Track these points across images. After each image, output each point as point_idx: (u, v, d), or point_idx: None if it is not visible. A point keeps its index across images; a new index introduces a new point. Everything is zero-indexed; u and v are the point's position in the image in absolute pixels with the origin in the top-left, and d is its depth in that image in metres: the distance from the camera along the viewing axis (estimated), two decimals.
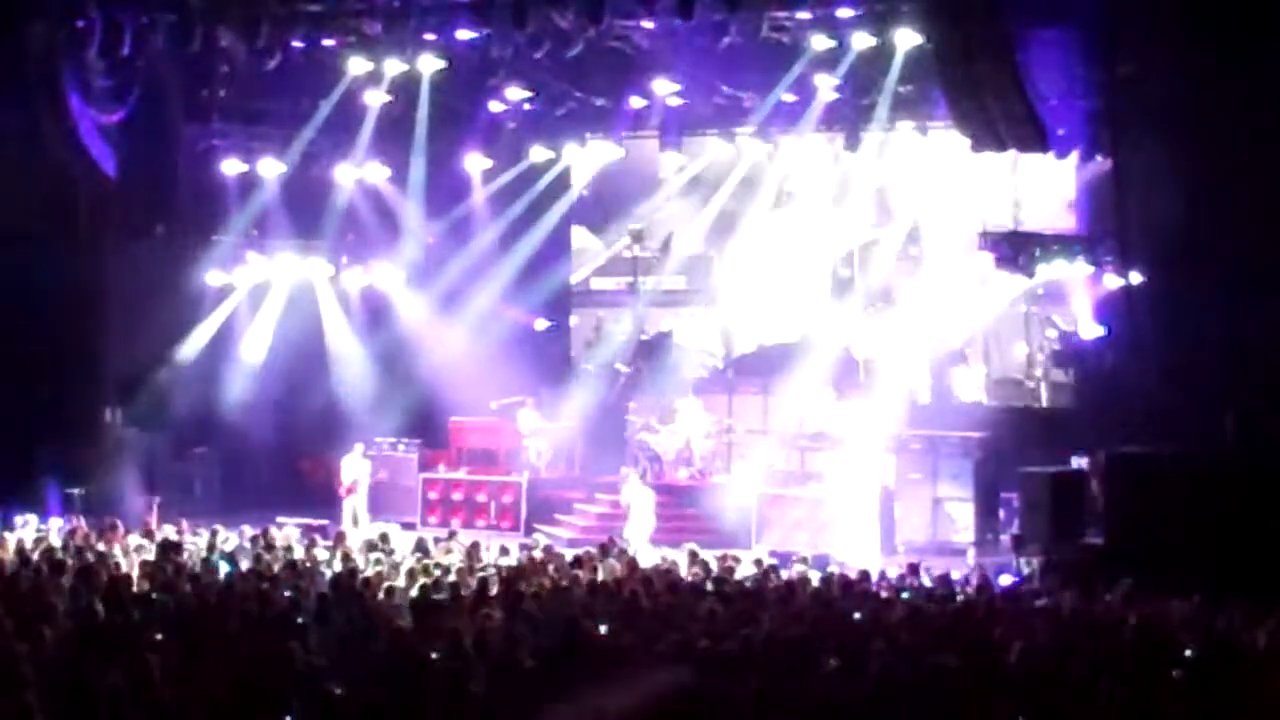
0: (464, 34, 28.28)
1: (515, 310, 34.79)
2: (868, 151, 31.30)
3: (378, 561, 21.51)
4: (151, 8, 28.30)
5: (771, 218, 34.05)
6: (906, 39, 26.72)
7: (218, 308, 32.87)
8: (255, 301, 33.41)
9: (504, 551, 23.15)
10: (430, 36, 28.70)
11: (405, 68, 29.95)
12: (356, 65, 30.03)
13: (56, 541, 23.02)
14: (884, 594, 20.34)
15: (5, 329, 29.29)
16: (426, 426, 33.23)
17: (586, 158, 34.62)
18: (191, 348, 32.26)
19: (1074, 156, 28.81)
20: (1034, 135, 25.32)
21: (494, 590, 18.96)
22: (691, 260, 35.08)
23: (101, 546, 22.55)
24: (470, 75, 30.98)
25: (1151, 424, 25.62)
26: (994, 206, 31.22)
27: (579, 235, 35.93)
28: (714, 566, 21.90)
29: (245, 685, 13.09)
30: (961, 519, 28.47)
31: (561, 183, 34.85)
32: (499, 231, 34.44)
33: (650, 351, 34.49)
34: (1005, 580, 23.16)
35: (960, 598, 19.92)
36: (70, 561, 20.46)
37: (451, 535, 24.84)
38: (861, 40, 27.35)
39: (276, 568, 20.56)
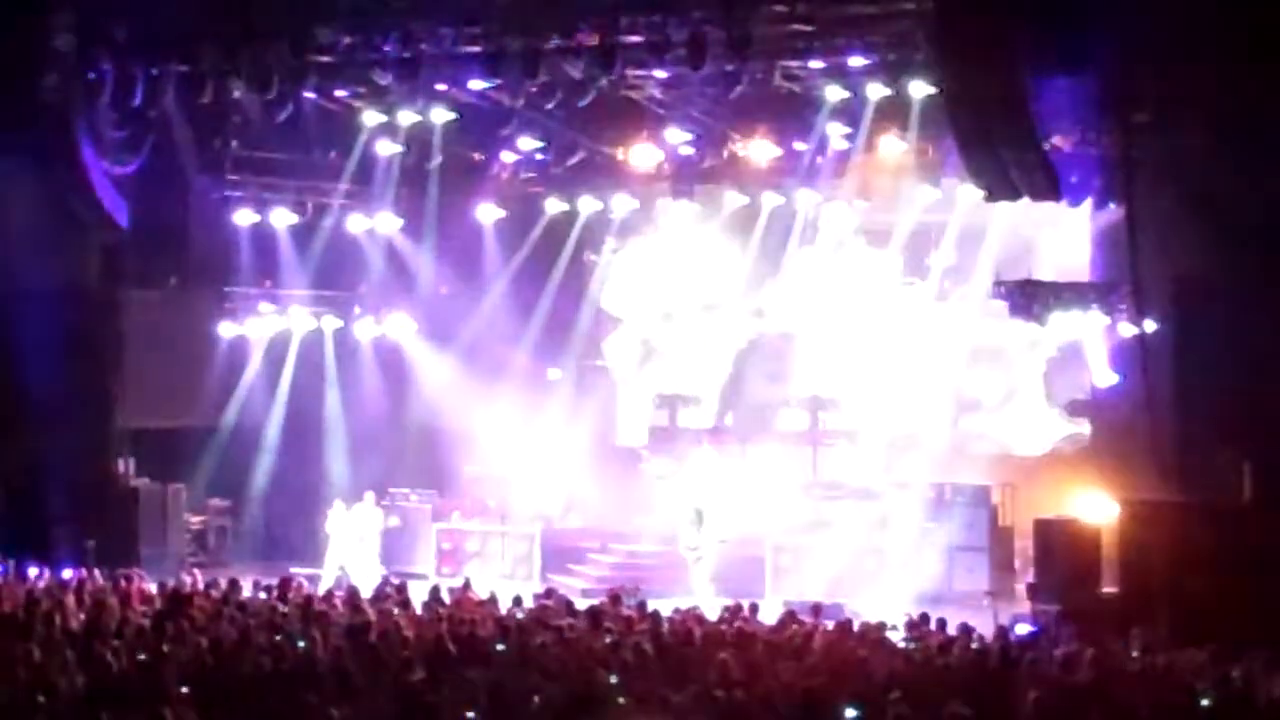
0: (476, 84, 28.35)
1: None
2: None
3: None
4: (163, 60, 28.38)
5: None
6: (919, 89, 26.71)
7: (231, 359, 32.86)
8: (270, 352, 33.39)
9: (518, 602, 23.04)
10: (442, 87, 28.77)
11: (417, 118, 30.06)
12: (370, 117, 30.15)
13: (69, 593, 22.94)
14: (899, 643, 20.25)
15: (18, 378, 29.26)
16: (440, 477, 33.14)
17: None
18: (210, 401, 32.32)
19: (1087, 205, 28.74)
20: (1047, 184, 25.25)
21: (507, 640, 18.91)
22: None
23: (114, 598, 22.47)
24: (482, 126, 31.04)
25: (1167, 472, 25.54)
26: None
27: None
28: (729, 617, 21.81)
29: None
30: (977, 567, 28.33)
31: (581, 233, 34.76)
32: (512, 280, 34.37)
33: None
34: (1021, 629, 23.04)
35: (975, 647, 19.81)
36: (83, 614, 20.39)
37: (466, 586, 24.76)
38: (875, 90, 27.34)
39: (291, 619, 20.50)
